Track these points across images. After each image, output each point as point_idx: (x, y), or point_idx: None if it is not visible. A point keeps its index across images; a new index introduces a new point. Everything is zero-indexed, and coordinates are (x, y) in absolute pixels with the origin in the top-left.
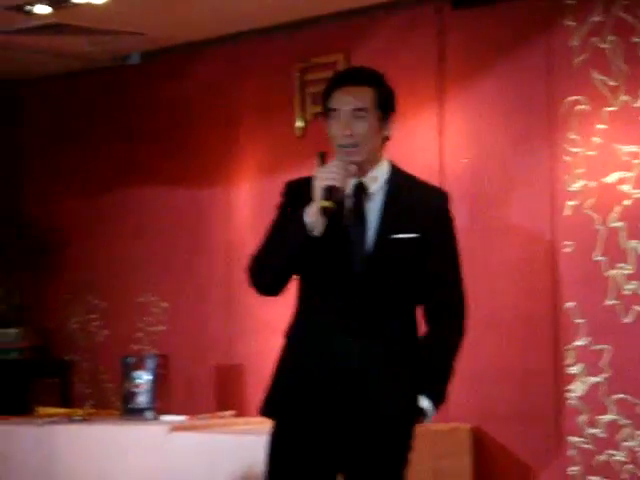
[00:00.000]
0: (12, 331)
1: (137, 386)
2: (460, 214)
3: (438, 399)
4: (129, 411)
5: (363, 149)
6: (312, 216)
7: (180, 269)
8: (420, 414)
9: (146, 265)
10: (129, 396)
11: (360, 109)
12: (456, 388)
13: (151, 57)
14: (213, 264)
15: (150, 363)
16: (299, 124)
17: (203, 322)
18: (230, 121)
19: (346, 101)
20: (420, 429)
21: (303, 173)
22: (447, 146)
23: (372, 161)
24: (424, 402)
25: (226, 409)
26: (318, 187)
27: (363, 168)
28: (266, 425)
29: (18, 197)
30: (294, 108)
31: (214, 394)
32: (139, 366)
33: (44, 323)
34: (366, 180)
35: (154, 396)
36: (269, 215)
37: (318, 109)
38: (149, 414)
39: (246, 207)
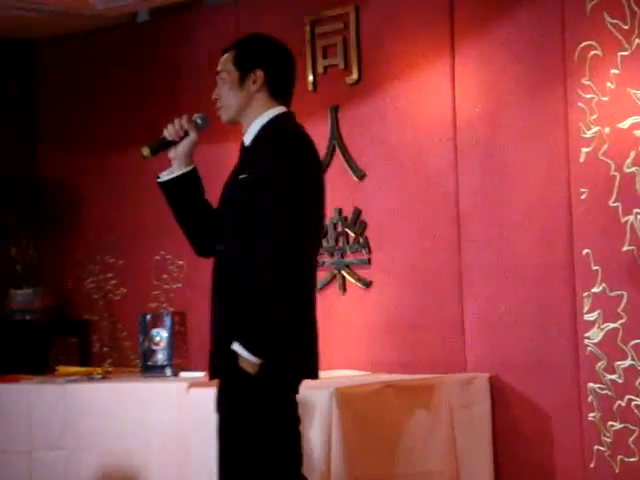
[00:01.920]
0: (29, 291)
1: (155, 343)
2: (473, 163)
3: (249, 342)
4: (148, 368)
5: (226, 109)
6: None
7: None
8: (234, 357)
9: (162, 223)
10: (147, 354)
11: (218, 72)
12: (474, 338)
13: (159, 14)
14: None
15: (167, 320)
16: (310, 78)
17: None
18: None
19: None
20: (437, 380)
21: (316, 127)
22: (459, 95)
23: (249, 118)
24: (235, 345)
25: None
26: None
27: (244, 126)
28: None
29: (35, 157)
30: (305, 62)
31: None
32: (157, 324)
33: (61, 283)
34: (245, 137)
35: (172, 353)
36: None
37: (329, 62)
38: (168, 371)
39: None
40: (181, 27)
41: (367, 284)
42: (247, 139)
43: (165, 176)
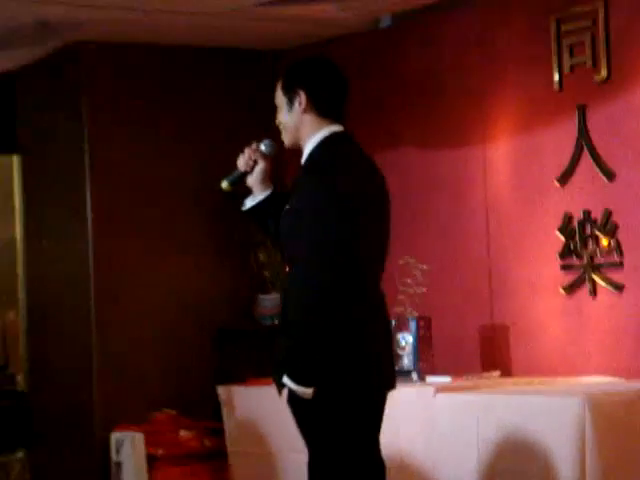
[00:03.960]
0: (276, 296)
1: (401, 348)
2: None
3: (290, 371)
4: None
5: (284, 133)
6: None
7: (438, 230)
8: (283, 386)
9: (404, 227)
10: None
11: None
12: None
13: (402, 19)
14: (471, 224)
15: (412, 325)
16: (556, 77)
17: (463, 282)
18: (484, 78)
19: None
20: None
21: (561, 128)
22: None
23: (304, 139)
24: (285, 378)
25: (491, 369)
26: None
27: (302, 148)
28: (533, 385)
29: None
30: (551, 61)
31: (478, 354)
32: (402, 328)
33: None
34: (302, 159)
35: (418, 357)
36: (527, 173)
37: (576, 61)
38: (414, 376)
39: (503, 165)
40: (425, 31)
41: (619, 287)
42: (303, 160)
43: (249, 203)
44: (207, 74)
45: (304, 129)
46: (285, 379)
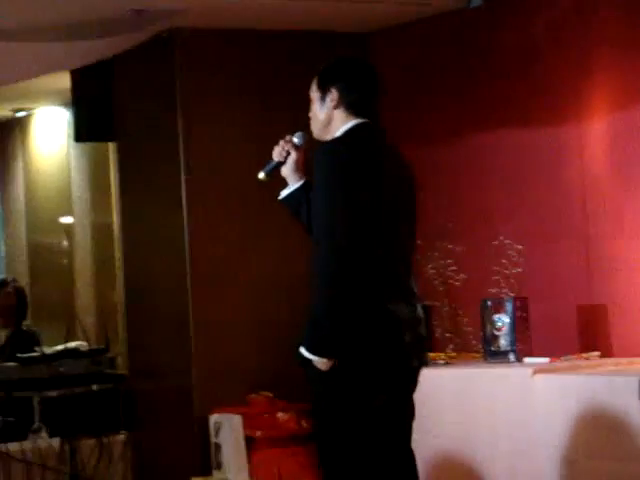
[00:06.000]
0: None
1: (497, 329)
2: None
3: (309, 344)
4: (491, 354)
5: (314, 126)
6: None
7: (533, 210)
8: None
9: (498, 208)
10: (490, 339)
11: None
12: None
13: None
14: (567, 204)
15: (509, 306)
16: None
17: (560, 263)
18: (581, 56)
19: None
20: None
21: None
22: None
23: (331, 133)
24: (301, 348)
25: (590, 350)
26: None
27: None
28: (635, 365)
29: None
30: None
31: (576, 335)
32: (498, 309)
33: None
34: None
35: (515, 338)
36: (625, 150)
37: None
38: (511, 357)
39: (599, 144)
40: (517, 7)
41: None
42: None
43: (284, 192)
44: (299, 58)
45: (334, 123)
46: (302, 350)
